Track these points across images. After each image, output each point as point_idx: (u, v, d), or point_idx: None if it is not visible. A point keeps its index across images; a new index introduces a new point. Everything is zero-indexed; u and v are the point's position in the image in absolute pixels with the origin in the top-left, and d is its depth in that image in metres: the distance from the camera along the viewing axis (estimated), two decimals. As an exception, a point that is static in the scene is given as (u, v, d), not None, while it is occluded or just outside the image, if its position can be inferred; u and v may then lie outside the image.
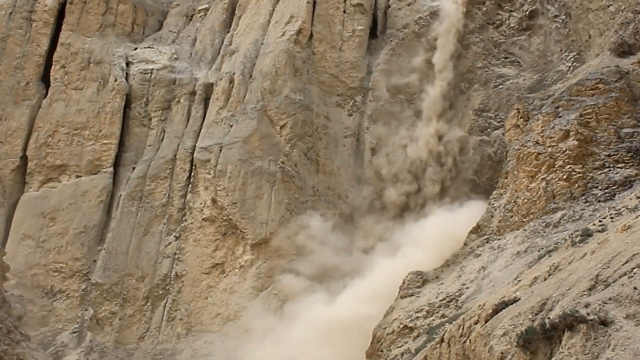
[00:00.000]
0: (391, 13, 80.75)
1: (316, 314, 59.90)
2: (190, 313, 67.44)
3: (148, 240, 71.21)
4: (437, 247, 57.25)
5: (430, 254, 57.09)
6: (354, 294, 60.73)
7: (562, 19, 71.12)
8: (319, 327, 58.33)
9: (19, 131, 76.64)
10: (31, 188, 74.47)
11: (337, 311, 59.11)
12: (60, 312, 68.79)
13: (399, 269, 57.33)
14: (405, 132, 73.83)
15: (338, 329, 57.44)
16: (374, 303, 57.19)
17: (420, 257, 57.77)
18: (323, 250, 65.70)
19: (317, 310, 60.39)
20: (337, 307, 59.94)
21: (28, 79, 78.94)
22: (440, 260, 54.61)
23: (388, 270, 59.94)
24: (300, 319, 60.48)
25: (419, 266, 54.73)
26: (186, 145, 74.00)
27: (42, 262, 70.67)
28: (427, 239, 60.21)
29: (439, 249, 56.39)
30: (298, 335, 58.91)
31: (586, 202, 45.62)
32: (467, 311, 35.71)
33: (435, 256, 56.03)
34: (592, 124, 48.84)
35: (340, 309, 59.11)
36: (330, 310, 59.74)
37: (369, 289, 59.71)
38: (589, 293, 25.04)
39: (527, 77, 71.58)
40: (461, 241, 53.89)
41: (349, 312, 58.10)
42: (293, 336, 59.25)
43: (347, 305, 59.28)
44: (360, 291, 60.49)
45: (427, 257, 57.10)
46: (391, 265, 60.36)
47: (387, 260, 62.41)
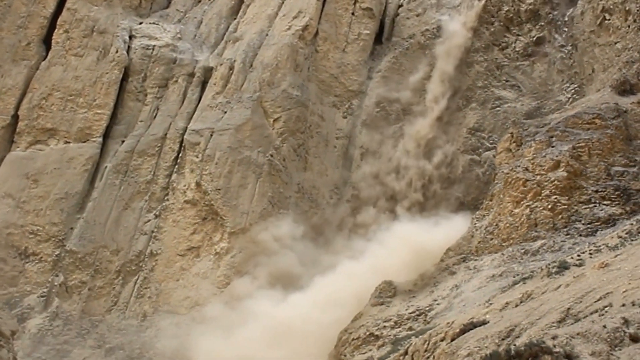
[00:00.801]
0: (399, 21, 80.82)
1: (269, 313, 59.48)
2: (159, 292, 67.23)
3: (127, 215, 70.99)
4: (405, 256, 56.67)
5: (396, 263, 56.45)
6: (310, 296, 60.26)
7: (568, 49, 71.21)
8: (271, 327, 57.91)
9: (14, 90, 76.29)
10: (18, 148, 74.10)
11: (291, 313, 58.69)
12: (31, 275, 68.46)
13: (360, 274, 57.25)
14: (396, 142, 73.81)
15: (289, 331, 57.11)
16: (331, 307, 56.99)
17: (384, 264, 57.21)
18: (288, 256, 65.36)
19: (270, 310, 59.97)
20: (291, 308, 59.50)
21: (30, 39, 78.60)
22: (406, 269, 54.30)
23: (349, 274, 59.65)
24: (254, 317, 60.06)
25: (382, 273, 54.51)
26: (178, 125, 73.81)
27: (19, 222, 70.32)
28: (395, 247, 59.43)
29: (407, 259, 55.90)
30: (249, 333, 58.47)
31: (567, 234, 45.63)
32: (435, 327, 35.69)
33: (401, 265, 55.54)
34: (584, 158, 48.85)
35: (294, 311, 58.69)
36: (283, 311, 59.31)
37: (327, 293, 59.27)
38: (557, 325, 25.04)
39: (526, 102, 71.63)
40: (433, 255, 53.70)
41: (303, 315, 57.71)
42: (245, 333, 58.80)
43: (302, 307, 58.84)
44: (317, 294, 60.01)
45: (392, 264, 56.50)
46: (352, 269, 60.03)
47: (349, 263, 61.98)
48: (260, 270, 65.09)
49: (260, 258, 65.88)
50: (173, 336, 62.53)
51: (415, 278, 52.06)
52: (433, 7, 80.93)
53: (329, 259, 65.41)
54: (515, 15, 75.50)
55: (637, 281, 26.56)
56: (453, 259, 51.24)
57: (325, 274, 61.73)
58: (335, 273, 61.22)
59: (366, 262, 59.77)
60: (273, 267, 64.82)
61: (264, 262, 65.43)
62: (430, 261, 53.41)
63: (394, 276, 53.51)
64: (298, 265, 65.06)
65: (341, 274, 60.36)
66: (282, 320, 57.89)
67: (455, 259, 51.05)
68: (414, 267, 53.91)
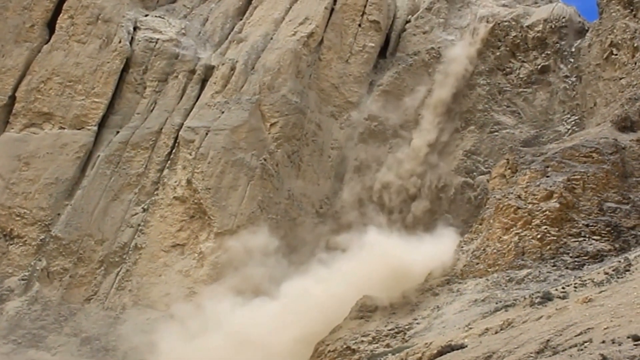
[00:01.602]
0: (405, 37, 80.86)
1: (235, 320, 58.92)
2: (140, 286, 67.00)
3: (115, 206, 70.77)
4: (381, 272, 55.64)
5: (372, 277, 55.44)
6: (278, 306, 59.46)
7: (572, 80, 71.23)
8: (235, 334, 57.38)
9: (14, 71, 76.10)
10: (13, 129, 73.91)
11: (257, 322, 58.06)
12: (14, 257, 68.30)
13: (332, 285, 56.73)
14: (390, 158, 73.68)
15: (251, 341, 56.56)
16: (299, 319, 56.49)
17: (357, 278, 56.30)
18: (257, 270, 64.85)
19: (237, 317, 59.37)
20: (258, 317, 58.81)
21: (34, 21, 78.40)
22: (381, 285, 53.49)
23: (320, 285, 59.05)
24: (220, 322, 59.55)
25: (355, 286, 53.94)
26: (174, 121, 73.62)
27: (7, 203, 70.15)
28: (372, 261, 57.88)
29: (384, 275, 54.93)
30: (213, 339, 57.90)
31: (554, 265, 45.37)
32: (413, 346, 35.49)
33: (377, 281, 54.58)
34: (578, 191, 48.63)
35: (261, 320, 58.06)
36: (250, 320, 58.68)
37: (295, 304, 58.65)
38: (535, 356, 24.77)
39: (525, 130, 71.63)
40: (412, 273, 53.09)
41: (269, 325, 57.10)
42: (210, 338, 58.20)
43: (269, 317, 58.16)
44: (286, 305, 59.28)
45: (366, 279, 55.50)
46: (324, 280, 59.31)
47: (322, 273, 61.14)
48: (233, 279, 64.62)
49: (238, 265, 65.46)
50: (149, 331, 62.17)
51: (396, 295, 51.60)
52: (440, 26, 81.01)
53: (303, 268, 64.61)
54: (522, 42, 75.54)
55: (619, 319, 26.31)
56: (437, 280, 50.93)
57: (295, 284, 61.06)
58: (305, 283, 60.44)
59: (340, 274, 58.94)
60: (244, 277, 64.34)
61: (239, 271, 64.99)
62: (408, 279, 52.73)
63: (367, 291, 52.89)
64: (265, 279, 64.24)
65: (312, 284, 59.59)
66: (247, 329, 57.32)
67: (439, 280, 50.75)
68: (391, 284, 53.16)
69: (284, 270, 64.95)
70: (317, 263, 62.51)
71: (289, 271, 64.61)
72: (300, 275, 62.60)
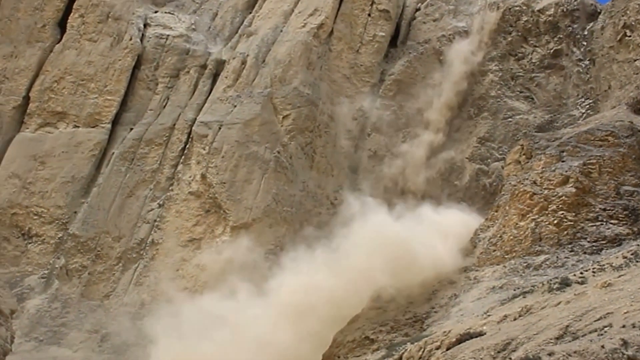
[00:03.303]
0: (415, 25, 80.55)
1: (249, 316, 58.56)
2: (158, 281, 67.09)
3: (131, 203, 70.97)
4: (390, 262, 54.60)
5: (380, 269, 54.60)
6: (290, 300, 58.84)
7: (586, 64, 70.78)
8: (248, 330, 57.16)
9: (27, 71, 76.47)
10: (28, 129, 74.32)
11: (268, 317, 57.79)
12: (33, 256, 68.74)
13: (338, 275, 56.21)
14: (404, 147, 73.46)
15: (267, 335, 56.34)
16: (303, 316, 56.24)
17: (367, 270, 55.41)
18: (272, 263, 64.28)
19: (250, 313, 58.98)
20: (271, 313, 58.48)
21: (45, 21, 78.71)
22: (392, 275, 52.71)
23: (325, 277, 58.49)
24: (236, 319, 59.26)
25: (362, 277, 53.38)
26: (187, 116, 73.71)
27: (24, 203, 70.58)
28: (381, 252, 56.00)
29: (394, 266, 53.98)
30: (229, 334, 57.63)
31: (572, 251, 45.12)
32: (431, 335, 35.44)
33: (387, 272, 53.71)
34: (594, 175, 48.32)
35: (273, 316, 57.76)
36: (262, 315, 58.38)
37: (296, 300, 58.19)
38: (555, 342, 24.73)
39: (539, 115, 71.27)
40: (420, 262, 52.33)
41: (281, 319, 56.81)
42: (226, 334, 57.94)
43: (281, 311, 57.78)
44: (286, 300, 58.77)
45: (373, 271, 54.67)
46: (339, 270, 58.50)
47: (335, 262, 59.99)
48: (249, 272, 64.31)
49: (253, 258, 65.20)
50: (168, 326, 62.21)
51: (413, 284, 51.35)
52: (450, 13, 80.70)
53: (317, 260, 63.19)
54: (534, 26, 75.13)
55: (639, 303, 26.24)
56: (454, 268, 50.78)
57: (309, 277, 60.13)
58: (319, 275, 59.38)
59: (353, 265, 58.05)
60: (259, 270, 63.92)
61: (254, 264, 64.76)
62: (422, 268, 52.01)
63: (381, 281, 52.31)
64: (283, 270, 63.41)
65: (325, 276, 58.62)
66: (261, 323, 57.11)
67: (456, 268, 50.63)
68: (404, 273, 52.51)
69: (298, 262, 64.78)
70: (331, 254, 62.18)
71: (303, 264, 64.42)
72: (314, 267, 62.30)
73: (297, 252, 62.58)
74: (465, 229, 55.61)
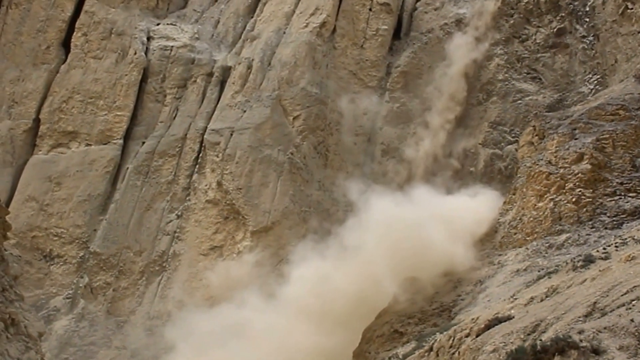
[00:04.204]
0: (417, 16, 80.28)
1: (276, 318, 58.57)
2: (183, 292, 67.27)
3: (150, 216, 71.16)
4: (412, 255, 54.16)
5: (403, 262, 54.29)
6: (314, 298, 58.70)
7: (590, 40, 70.54)
8: (276, 332, 57.15)
9: (35, 94, 76.69)
10: (40, 151, 74.56)
11: (294, 318, 57.76)
12: (56, 277, 69.02)
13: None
14: (416, 138, 73.30)
15: (293, 335, 56.34)
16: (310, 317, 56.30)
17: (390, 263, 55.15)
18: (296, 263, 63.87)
19: (276, 314, 58.96)
20: (296, 313, 58.35)
21: (49, 42, 78.94)
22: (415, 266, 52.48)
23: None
24: (264, 322, 59.26)
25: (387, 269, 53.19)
26: (198, 125, 73.78)
27: (43, 225, 70.87)
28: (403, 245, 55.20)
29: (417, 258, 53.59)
30: (257, 339, 57.63)
31: (592, 227, 45.07)
32: (460, 323, 35.39)
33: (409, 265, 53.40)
34: (608, 150, 48.26)
35: (299, 317, 57.71)
36: (288, 316, 58.34)
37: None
38: (584, 320, 24.70)
39: (548, 95, 71.04)
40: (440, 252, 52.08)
41: (306, 320, 56.80)
42: (254, 338, 57.94)
43: (306, 312, 57.67)
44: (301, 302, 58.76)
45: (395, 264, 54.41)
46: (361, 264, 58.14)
47: (356, 257, 59.61)
48: (272, 275, 64.28)
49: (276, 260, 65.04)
50: (196, 335, 62.27)
51: (437, 273, 51.21)
52: (451, 1, 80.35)
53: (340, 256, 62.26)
54: (535, 7, 74.89)
55: (664, 273, 26.26)
56: (477, 254, 50.72)
57: (333, 273, 59.89)
58: (343, 271, 58.81)
59: (374, 258, 57.51)
60: (282, 272, 63.82)
61: (277, 266, 64.64)
62: (442, 257, 51.56)
63: (404, 273, 52.11)
64: (305, 269, 63.21)
65: (348, 272, 58.34)
66: (287, 323, 57.12)
67: (479, 254, 50.59)
68: (422, 264, 52.05)
69: (322, 260, 64.64)
70: (346, 251, 62.04)
71: (320, 263, 64.24)
72: (330, 266, 62.08)
73: (315, 251, 62.56)
74: (480, 214, 55.49)
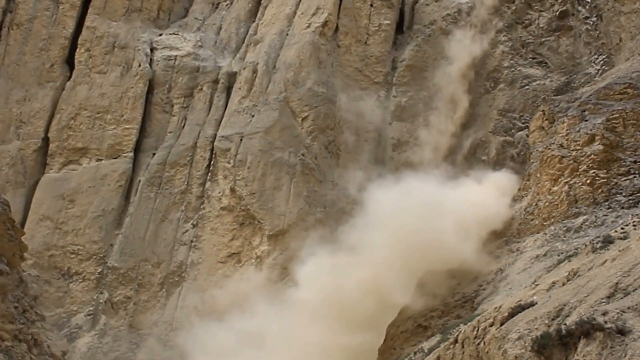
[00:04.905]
0: (418, 8, 79.98)
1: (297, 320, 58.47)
2: (204, 301, 67.18)
3: (165, 227, 71.16)
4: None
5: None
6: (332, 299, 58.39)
7: (593, 20, 70.28)
8: (299, 335, 57.03)
9: (42, 112, 76.91)
10: (52, 170, 74.75)
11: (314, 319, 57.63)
12: (76, 294, 69.15)
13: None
14: (426, 130, 73.11)
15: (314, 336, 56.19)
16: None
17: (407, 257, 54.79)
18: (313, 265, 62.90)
19: (298, 317, 58.83)
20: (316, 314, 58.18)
21: (53, 60, 79.15)
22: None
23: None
24: (285, 326, 59.19)
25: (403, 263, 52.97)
26: (207, 133, 73.73)
27: (59, 243, 71.00)
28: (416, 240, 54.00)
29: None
30: (280, 342, 57.55)
31: (609, 208, 44.93)
32: (483, 313, 35.32)
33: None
34: (619, 129, 48.07)
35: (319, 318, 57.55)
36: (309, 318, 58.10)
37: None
38: (607, 301, 24.64)
39: (555, 78, 70.75)
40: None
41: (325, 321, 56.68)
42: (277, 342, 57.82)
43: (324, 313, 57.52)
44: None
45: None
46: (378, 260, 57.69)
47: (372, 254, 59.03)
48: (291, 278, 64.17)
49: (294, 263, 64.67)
50: (221, 342, 62.23)
51: (456, 265, 50.91)
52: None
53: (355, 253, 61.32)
54: (536, -9, 74.72)
55: (685, 249, 26.14)
56: (495, 243, 50.64)
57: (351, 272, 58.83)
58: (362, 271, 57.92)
59: (389, 254, 56.94)
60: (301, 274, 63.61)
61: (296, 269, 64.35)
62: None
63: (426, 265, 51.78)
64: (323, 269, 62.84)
65: (365, 271, 57.99)
66: (310, 325, 57.03)
67: (497, 242, 50.47)
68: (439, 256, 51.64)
69: (336, 259, 64.35)
70: (365, 247, 61.71)
71: (341, 260, 63.93)
72: (352, 260, 61.68)
73: (328, 251, 62.37)
74: (494, 200, 55.38)
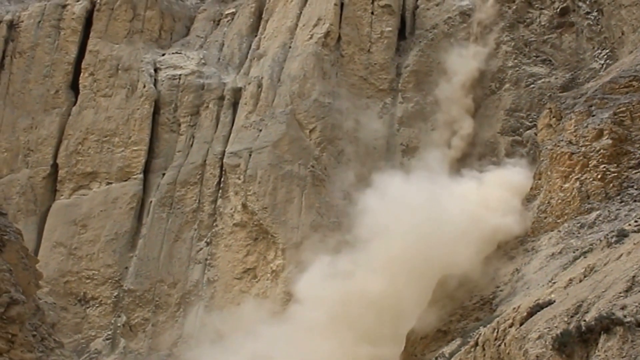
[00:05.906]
0: (420, 13, 79.90)
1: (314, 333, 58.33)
2: (222, 319, 67.07)
3: (179, 246, 71.17)
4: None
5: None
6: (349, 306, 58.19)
7: (594, 15, 70.20)
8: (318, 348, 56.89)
9: (49, 139, 77.13)
10: (62, 196, 74.93)
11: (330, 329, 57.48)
12: (94, 319, 69.15)
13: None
14: (434, 134, 73.05)
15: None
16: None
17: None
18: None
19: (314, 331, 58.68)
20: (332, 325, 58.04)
21: (57, 87, 79.39)
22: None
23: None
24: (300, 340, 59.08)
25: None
26: (215, 150, 73.77)
27: (74, 269, 71.10)
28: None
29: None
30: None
31: (621, 201, 44.80)
32: (502, 314, 35.23)
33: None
34: (627, 122, 47.96)
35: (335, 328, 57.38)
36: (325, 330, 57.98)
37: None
38: (625, 295, 24.53)
39: (559, 75, 70.64)
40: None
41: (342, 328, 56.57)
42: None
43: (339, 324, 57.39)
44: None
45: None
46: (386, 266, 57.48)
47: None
48: None
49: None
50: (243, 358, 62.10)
51: (473, 268, 50.80)
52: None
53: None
54: (536, -11, 74.70)
55: (700, 239, 26.04)
56: (510, 243, 50.55)
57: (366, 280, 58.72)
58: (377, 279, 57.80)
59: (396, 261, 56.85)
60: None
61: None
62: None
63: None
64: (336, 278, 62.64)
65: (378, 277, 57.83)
66: (328, 336, 56.90)
67: (512, 243, 50.39)
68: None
69: (348, 266, 64.18)
70: (376, 253, 61.51)
71: (351, 266, 63.75)
72: (364, 267, 61.44)
73: (340, 260, 62.25)
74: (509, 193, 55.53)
